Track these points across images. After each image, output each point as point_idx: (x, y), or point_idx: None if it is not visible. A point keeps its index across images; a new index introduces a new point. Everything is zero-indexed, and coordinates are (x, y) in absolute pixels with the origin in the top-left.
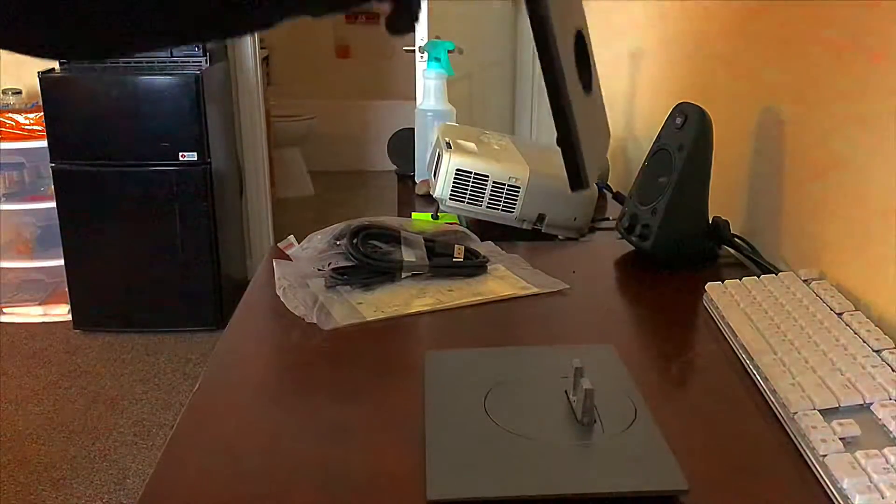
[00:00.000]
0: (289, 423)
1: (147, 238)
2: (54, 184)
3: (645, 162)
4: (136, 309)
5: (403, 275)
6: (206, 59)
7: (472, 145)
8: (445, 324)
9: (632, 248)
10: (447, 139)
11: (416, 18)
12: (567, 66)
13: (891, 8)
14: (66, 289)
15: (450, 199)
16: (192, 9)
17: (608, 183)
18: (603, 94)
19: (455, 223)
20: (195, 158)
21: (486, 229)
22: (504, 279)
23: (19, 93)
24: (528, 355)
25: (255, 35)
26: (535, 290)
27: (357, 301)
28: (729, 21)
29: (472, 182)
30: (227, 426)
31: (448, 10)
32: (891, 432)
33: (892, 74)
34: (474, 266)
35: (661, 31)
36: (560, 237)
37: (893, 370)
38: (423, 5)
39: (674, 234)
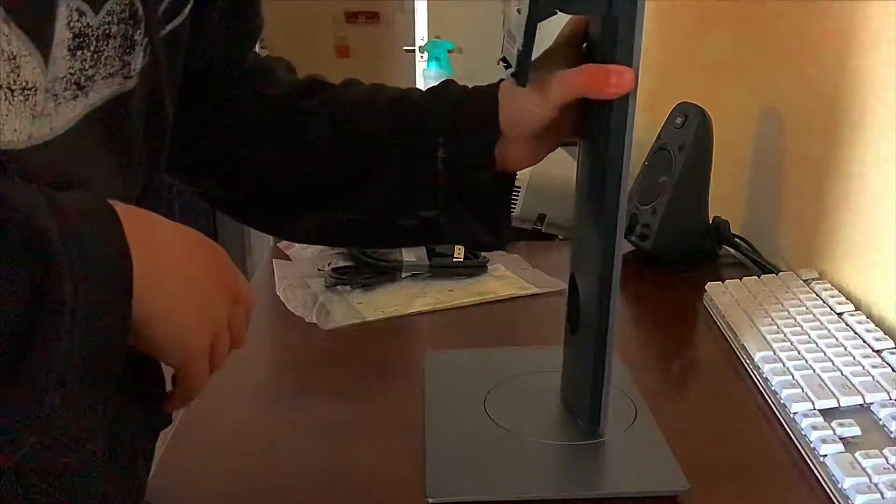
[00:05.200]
0: (289, 423)
1: None
2: None
3: (645, 162)
4: None
5: (403, 275)
6: None
7: None
8: (445, 324)
9: (632, 247)
10: None
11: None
12: None
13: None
14: None
15: None
16: None
17: None
18: None
19: None
20: None
21: None
22: (504, 279)
23: None
24: (528, 355)
25: None
26: (535, 290)
27: (357, 301)
28: (729, 21)
29: None
30: (227, 426)
31: (448, 10)
32: (891, 432)
33: (892, 73)
34: (474, 266)
35: (661, 31)
36: (560, 237)
37: (893, 370)
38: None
39: (674, 234)
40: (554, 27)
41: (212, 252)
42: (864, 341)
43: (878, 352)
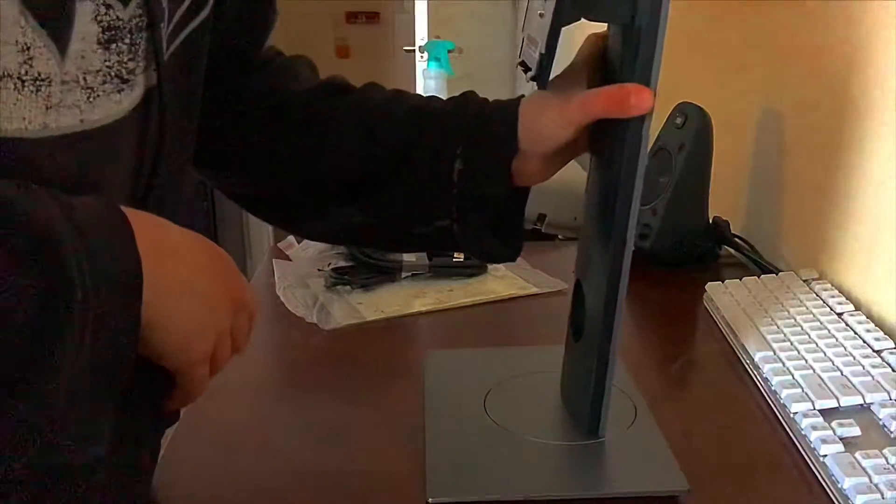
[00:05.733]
0: (289, 423)
1: None
2: None
3: None
4: None
5: (403, 275)
6: None
7: None
8: (445, 324)
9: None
10: None
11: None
12: None
13: (890, 7)
14: None
15: None
16: None
17: None
18: None
19: None
20: None
21: None
22: (504, 279)
23: None
24: (528, 355)
25: None
26: (535, 290)
27: (357, 301)
28: (729, 21)
29: None
30: (227, 426)
31: (448, 10)
32: (891, 432)
33: (893, 73)
34: (474, 266)
35: None
36: (560, 237)
37: (893, 370)
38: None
39: (674, 234)
40: (575, 32)
41: (219, 260)
42: (864, 341)
43: (878, 352)
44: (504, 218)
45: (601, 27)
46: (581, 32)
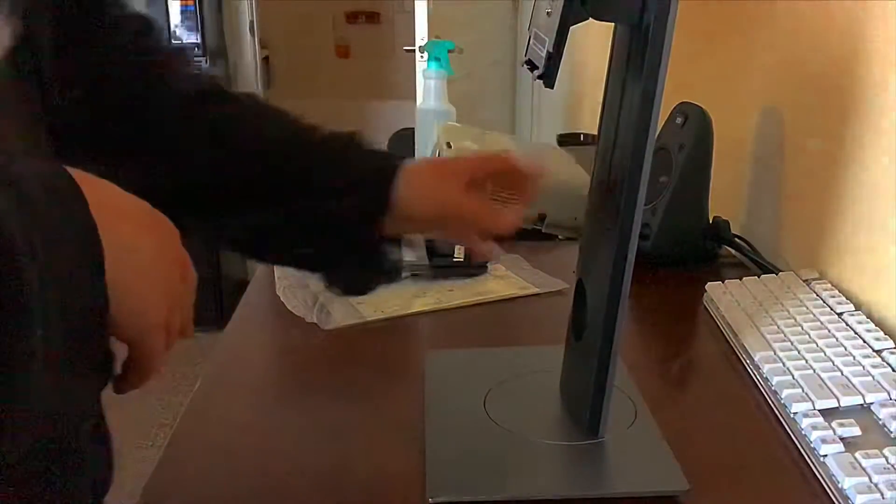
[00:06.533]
0: (289, 423)
1: None
2: None
3: None
4: None
5: (403, 275)
6: (206, 59)
7: (472, 145)
8: (445, 324)
9: None
10: (447, 139)
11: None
12: None
13: (891, 7)
14: None
15: None
16: None
17: None
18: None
19: None
20: None
21: None
22: (504, 279)
23: None
24: (528, 355)
25: (255, 35)
26: (535, 290)
27: (357, 301)
28: (729, 21)
29: None
30: (227, 426)
31: (448, 10)
32: (891, 432)
33: (893, 74)
34: (474, 266)
35: None
36: (560, 237)
37: (893, 370)
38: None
39: (674, 234)
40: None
41: (163, 224)
42: (864, 341)
43: (878, 352)
44: (367, 259)
45: (609, 26)
46: (589, 30)
